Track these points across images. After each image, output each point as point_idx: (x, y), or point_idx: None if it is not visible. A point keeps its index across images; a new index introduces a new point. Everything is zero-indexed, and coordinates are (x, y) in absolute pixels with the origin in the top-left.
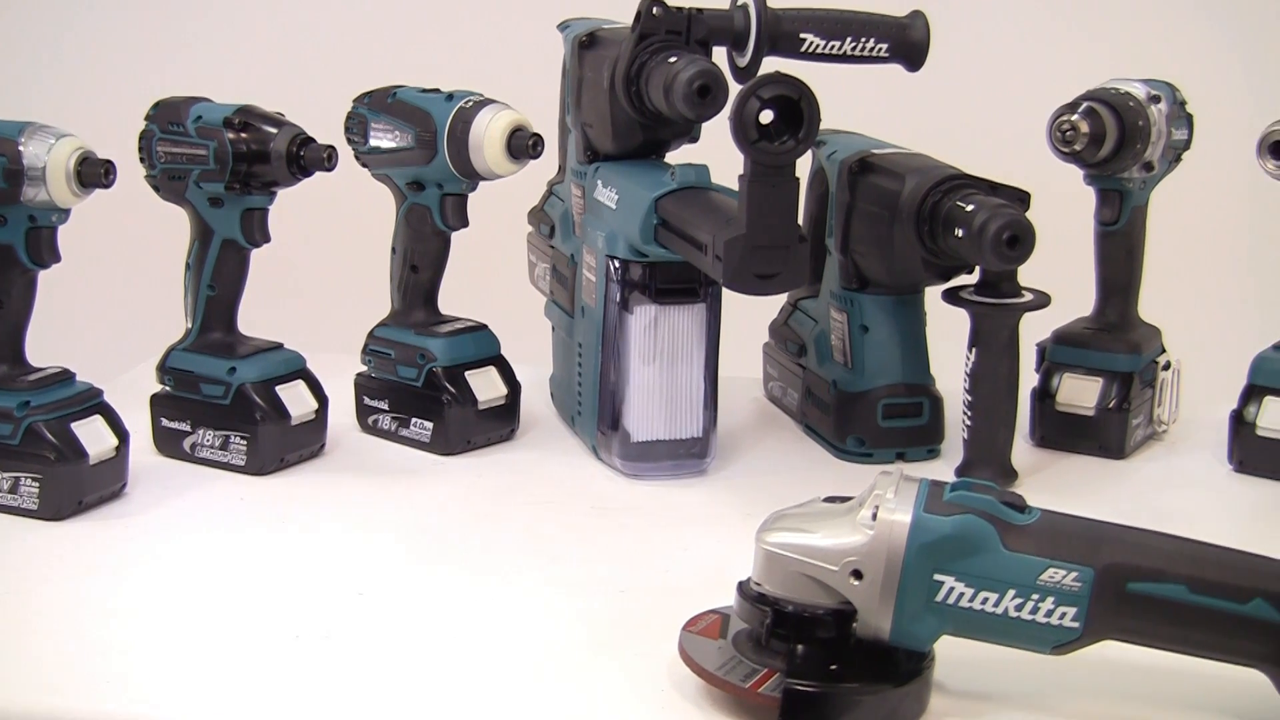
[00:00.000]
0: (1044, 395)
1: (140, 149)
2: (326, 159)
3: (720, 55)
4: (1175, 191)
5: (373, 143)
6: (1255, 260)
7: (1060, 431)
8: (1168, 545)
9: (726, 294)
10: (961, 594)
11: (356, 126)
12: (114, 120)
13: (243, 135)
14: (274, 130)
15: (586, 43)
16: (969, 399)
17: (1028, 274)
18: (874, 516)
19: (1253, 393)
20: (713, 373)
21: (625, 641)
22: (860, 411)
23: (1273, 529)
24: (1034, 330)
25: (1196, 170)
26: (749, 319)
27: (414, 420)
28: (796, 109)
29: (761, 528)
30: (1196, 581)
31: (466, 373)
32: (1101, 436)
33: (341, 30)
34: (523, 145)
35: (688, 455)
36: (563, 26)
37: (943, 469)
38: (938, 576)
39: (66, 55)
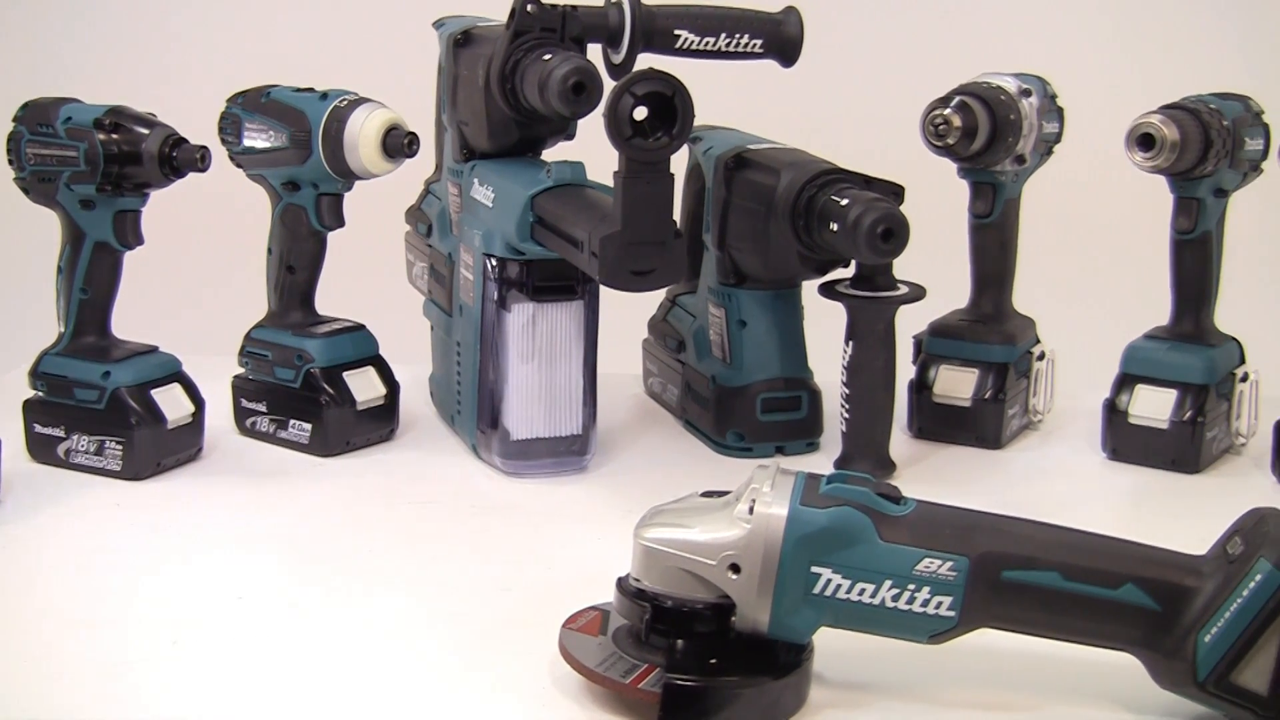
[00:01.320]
0: (921, 387)
1: (9, 151)
2: (199, 160)
3: (595, 52)
4: (1048, 184)
5: (247, 143)
6: (1127, 251)
7: (937, 423)
8: (1041, 533)
9: (605, 291)
10: (839, 585)
11: (230, 127)
12: None
13: (114, 136)
14: (145, 131)
15: (461, 41)
16: (846, 392)
17: (903, 267)
18: (751, 510)
19: (1125, 381)
20: (591, 370)
21: (506, 640)
22: (739, 406)
23: (1145, 515)
24: (910, 323)
25: (1068, 162)
26: (628, 315)
27: (292, 422)
28: (670, 105)
29: (639, 524)
30: (1069, 568)
31: (344, 373)
32: (978, 427)
33: (214, 29)
34: (398, 144)
35: (567, 453)
36: (438, 24)
37: (822, 462)
38: (815, 569)
39: None
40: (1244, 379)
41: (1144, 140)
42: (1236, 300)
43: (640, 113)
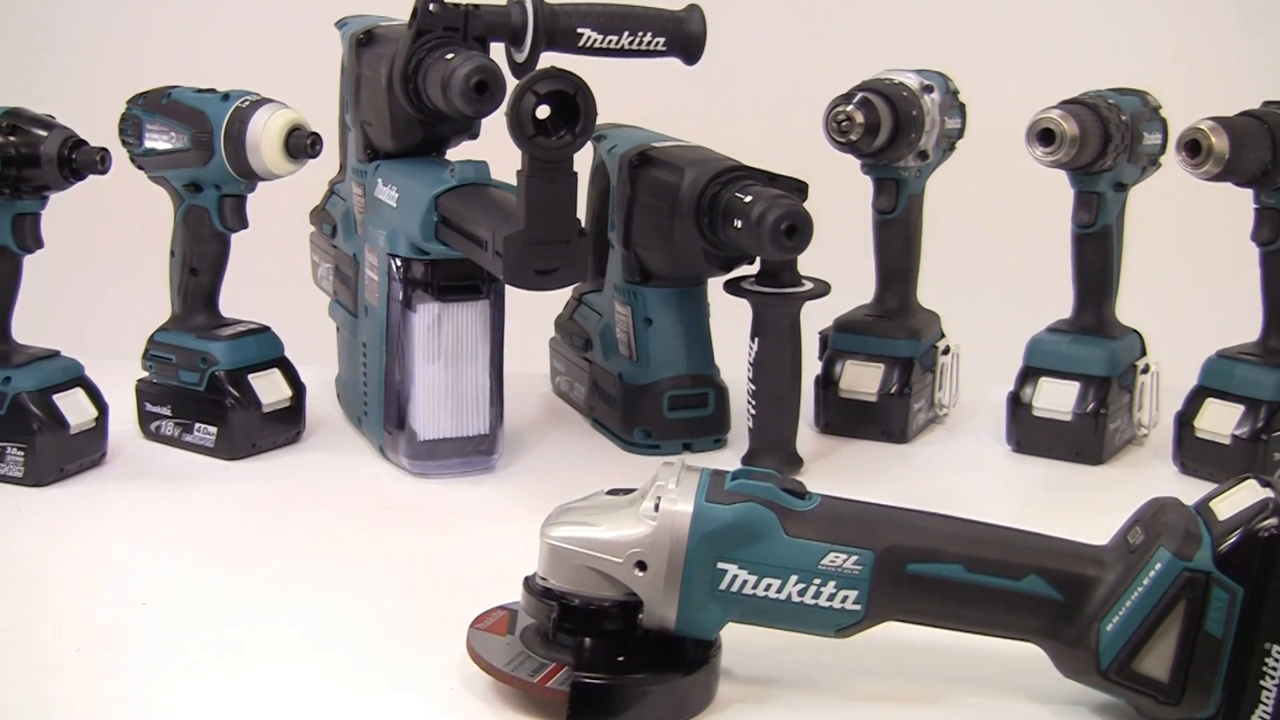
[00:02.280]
0: (827, 382)
1: None
2: (99, 162)
3: (499, 51)
4: (950, 179)
5: (148, 144)
6: (1029, 245)
7: (844, 418)
8: (945, 526)
9: (511, 290)
10: (745, 581)
11: (131, 128)
12: None
13: (11, 139)
14: (44, 133)
15: (364, 40)
16: (753, 388)
17: (808, 263)
18: (656, 508)
19: (1028, 374)
20: (498, 369)
21: (414, 641)
22: (646, 404)
23: (1049, 507)
24: (816, 318)
25: (970, 158)
26: (535, 314)
27: (197, 425)
28: (573, 104)
29: (545, 522)
30: (973, 560)
31: (249, 375)
32: (884, 421)
33: (113, 29)
34: (301, 144)
35: (475, 452)
36: (340, 24)
37: (729, 458)
38: (721, 565)
39: None
40: (1145, 370)
41: (1044, 135)
42: (1137, 293)
43: (543, 111)
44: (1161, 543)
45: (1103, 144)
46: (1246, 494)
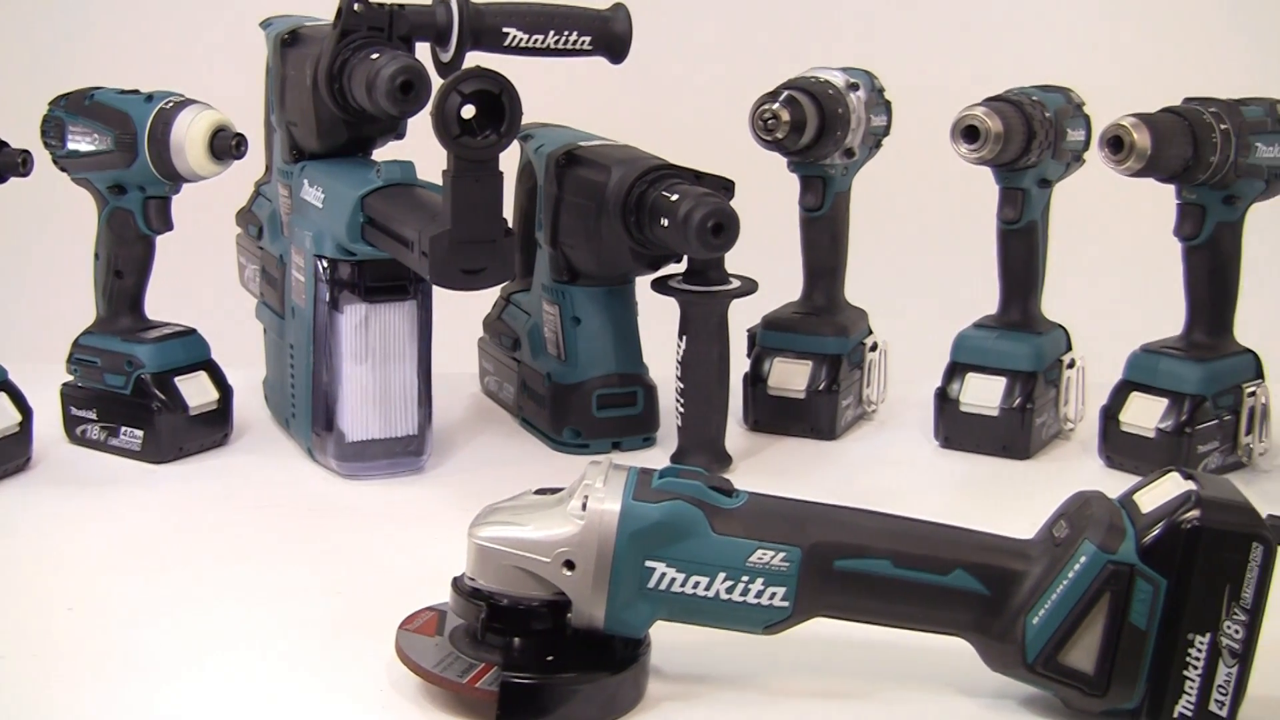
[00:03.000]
0: (755, 380)
1: None
2: (21, 164)
3: (424, 51)
4: (877, 176)
5: (71, 146)
6: (955, 241)
7: (772, 415)
8: (872, 522)
9: (439, 290)
10: (673, 579)
11: (53, 130)
12: None
13: None
14: None
15: (289, 40)
16: (681, 386)
17: (735, 261)
18: (584, 507)
19: (955, 370)
20: (426, 369)
21: (343, 643)
22: (575, 403)
23: (976, 501)
24: (744, 316)
25: (896, 155)
26: (462, 314)
27: (123, 429)
28: (498, 103)
29: (473, 523)
30: (900, 556)
31: (176, 378)
32: (812, 418)
33: (34, 30)
34: (225, 146)
35: (404, 453)
36: (265, 24)
37: (659, 457)
38: (649, 563)
39: None
40: (1071, 365)
41: (969, 132)
42: (1063, 288)
43: (468, 111)
44: (1086, 536)
45: (1027, 141)
46: (1169, 486)
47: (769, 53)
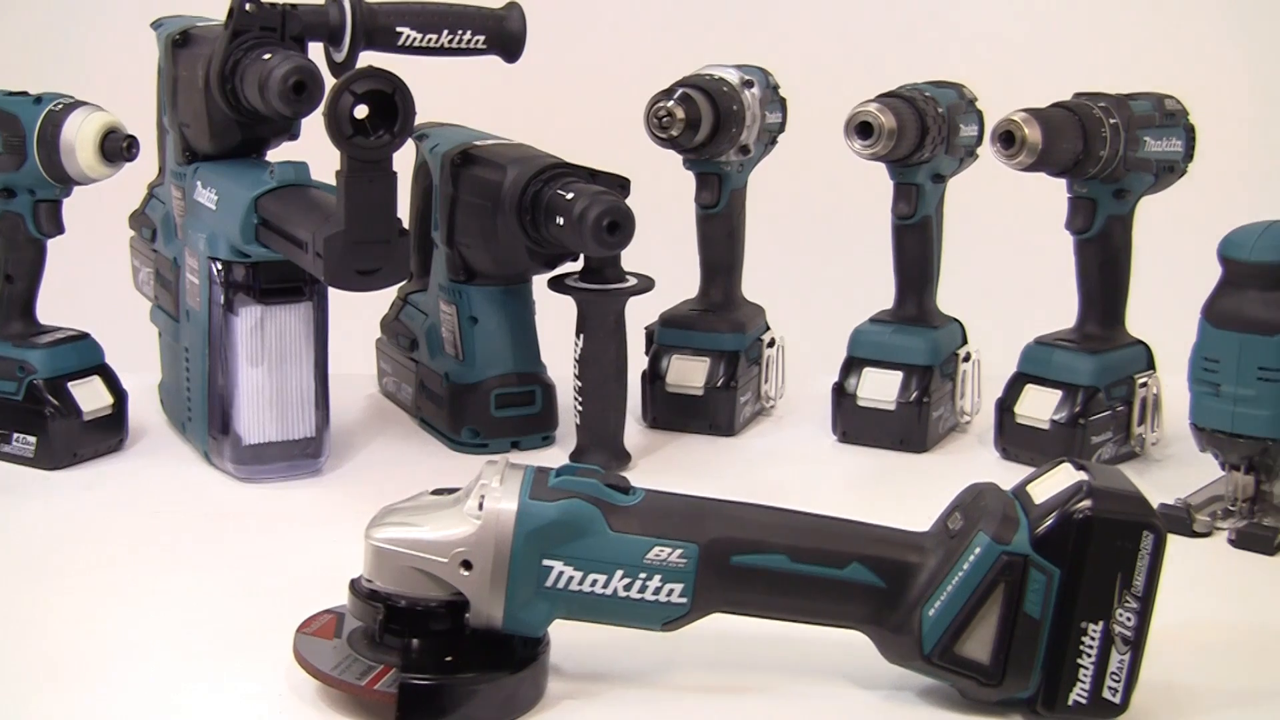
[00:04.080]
0: (653, 377)
1: None
2: None
3: (317, 51)
4: (772, 173)
5: None
6: (851, 236)
7: (671, 412)
8: (768, 517)
9: (334, 291)
10: (571, 578)
11: None
12: None
13: None
14: None
15: (180, 41)
16: (579, 384)
17: (632, 259)
18: (480, 506)
19: (852, 365)
20: (323, 371)
21: (241, 648)
22: (473, 403)
23: (872, 495)
24: (641, 314)
25: (791, 151)
26: (360, 315)
27: (15, 435)
28: (391, 103)
29: (370, 524)
30: (796, 550)
31: (69, 383)
32: (711, 415)
33: None
34: (116, 148)
35: (301, 455)
36: (156, 24)
37: (558, 455)
38: (546, 562)
39: None
40: (966, 359)
41: (862, 128)
42: (957, 282)
43: (361, 111)
44: (980, 527)
45: (920, 136)
46: (1062, 477)
47: (664, 51)
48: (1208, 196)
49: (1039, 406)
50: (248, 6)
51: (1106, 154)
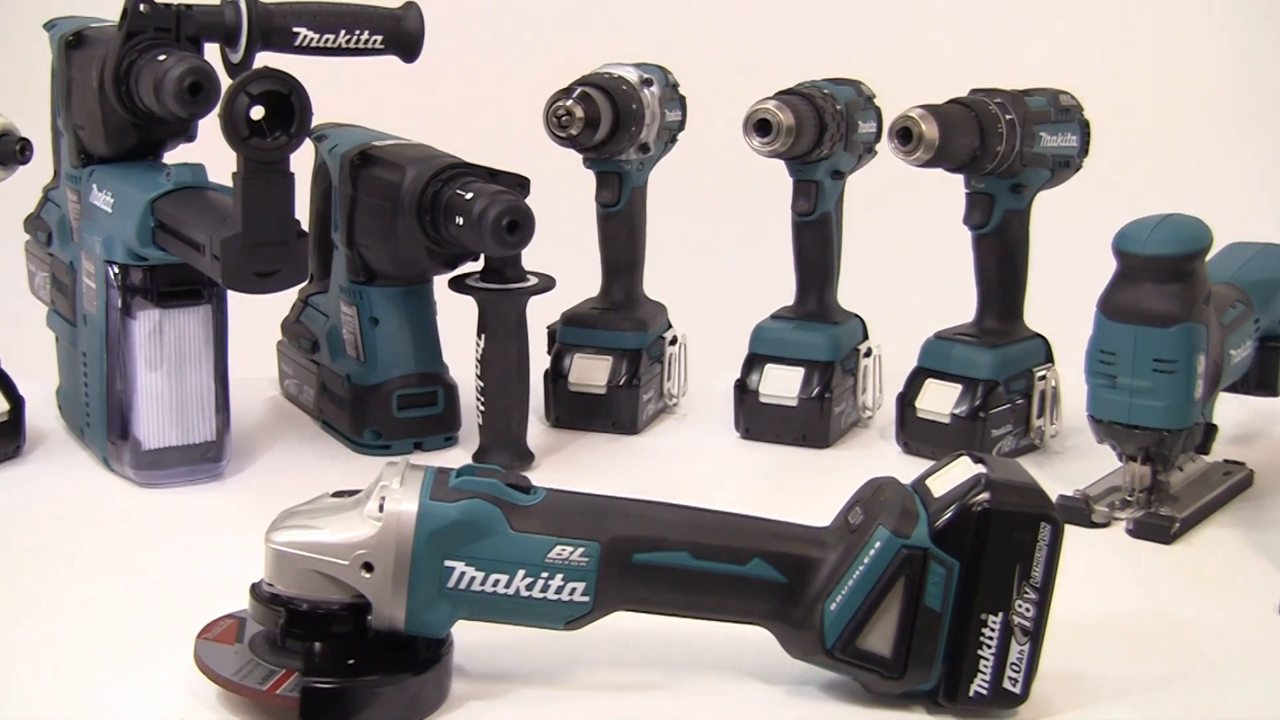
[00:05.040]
0: (556, 376)
1: None
2: (19, 151)
3: (214, 52)
4: (673, 171)
5: None
6: (751, 234)
7: (574, 411)
8: (669, 515)
9: (233, 293)
10: (473, 578)
11: None
12: None
13: None
14: None
15: (73, 42)
16: (481, 385)
17: (533, 258)
18: (381, 508)
19: (753, 362)
20: (223, 374)
21: (142, 655)
22: (375, 404)
23: (775, 491)
24: (543, 313)
25: (691, 149)
26: (260, 317)
27: None
28: (287, 104)
29: (270, 528)
30: (698, 547)
31: None
32: (614, 413)
33: None
34: (10, 150)
35: (202, 460)
36: (49, 26)
37: (461, 456)
38: (448, 562)
39: None
40: (867, 354)
41: (760, 126)
42: (858, 278)
43: (257, 112)
44: (880, 521)
45: (818, 133)
46: (960, 470)
47: (563, 50)
48: (1103, 191)
49: (939, 401)
50: (142, 7)
51: (1003, 150)
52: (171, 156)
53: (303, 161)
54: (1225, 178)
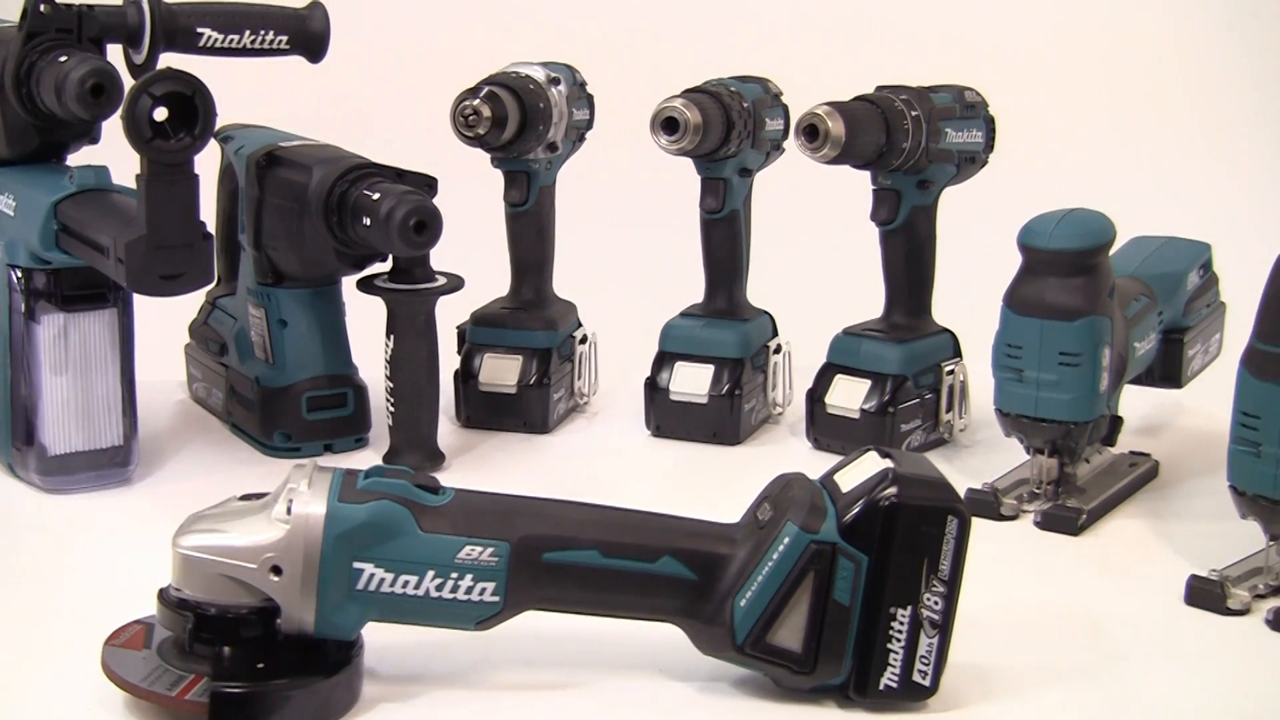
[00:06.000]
0: (466, 376)
1: None
2: None
3: (116, 53)
4: (582, 170)
5: None
6: (661, 232)
7: (485, 411)
8: (579, 513)
9: (140, 296)
10: (382, 579)
11: None
12: None
13: None
14: None
15: None
16: (391, 386)
17: (442, 258)
18: (288, 511)
19: (664, 359)
20: (129, 378)
21: (49, 664)
22: (284, 406)
23: (685, 488)
24: (453, 313)
25: (600, 148)
26: (168, 320)
27: None
28: (191, 105)
29: (177, 532)
30: (607, 545)
31: None
32: (524, 413)
33: None
34: None
35: (109, 465)
36: None
37: (371, 457)
38: (357, 564)
39: None
40: (777, 350)
41: (668, 124)
42: (767, 275)
43: (160, 113)
44: (788, 517)
45: (725, 131)
46: (868, 465)
47: (470, 49)
48: (1009, 186)
49: (849, 396)
50: (42, 8)
51: (909, 146)
52: (75, 159)
53: (209, 163)
54: (1129, 172)
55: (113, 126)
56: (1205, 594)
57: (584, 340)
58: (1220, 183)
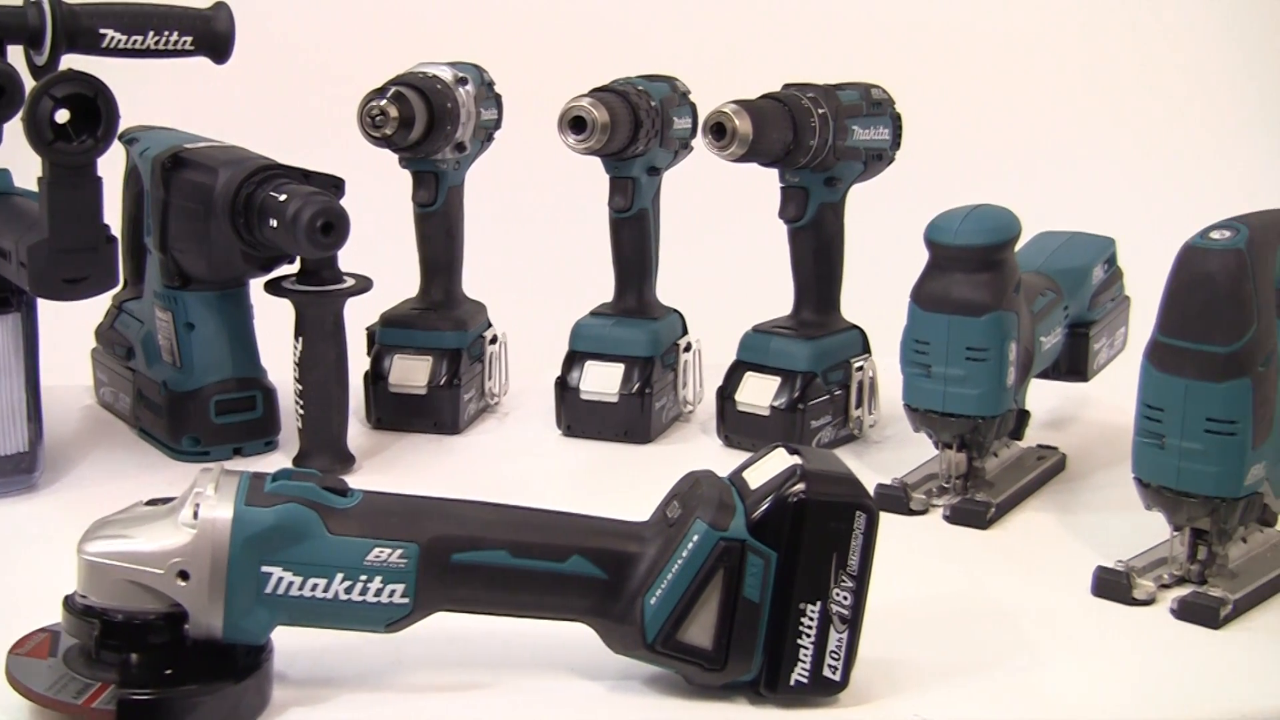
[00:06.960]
0: (376, 378)
1: None
2: None
3: (17, 55)
4: (490, 170)
5: None
6: (570, 231)
7: (395, 412)
8: (487, 514)
9: (44, 300)
10: (290, 583)
11: None
12: None
13: None
14: None
15: None
16: (299, 388)
17: (351, 259)
18: (195, 515)
19: (574, 359)
20: (34, 383)
21: None
22: (193, 410)
23: (597, 488)
24: (362, 314)
25: (509, 148)
26: (73, 324)
27: None
28: (93, 107)
29: (83, 538)
30: (516, 545)
31: None
32: (435, 413)
33: None
34: None
35: (14, 471)
36: None
37: (281, 460)
38: (265, 568)
39: None
40: (687, 349)
41: (575, 123)
42: (676, 273)
43: (62, 115)
44: (697, 515)
45: (633, 130)
46: (776, 462)
47: (377, 49)
48: (915, 183)
49: (759, 393)
50: None
51: (816, 143)
52: None
53: (113, 165)
54: (1034, 168)
55: (14, 129)
56: (1112, 585)
57: (494, 340)
58: (1123, 177)
